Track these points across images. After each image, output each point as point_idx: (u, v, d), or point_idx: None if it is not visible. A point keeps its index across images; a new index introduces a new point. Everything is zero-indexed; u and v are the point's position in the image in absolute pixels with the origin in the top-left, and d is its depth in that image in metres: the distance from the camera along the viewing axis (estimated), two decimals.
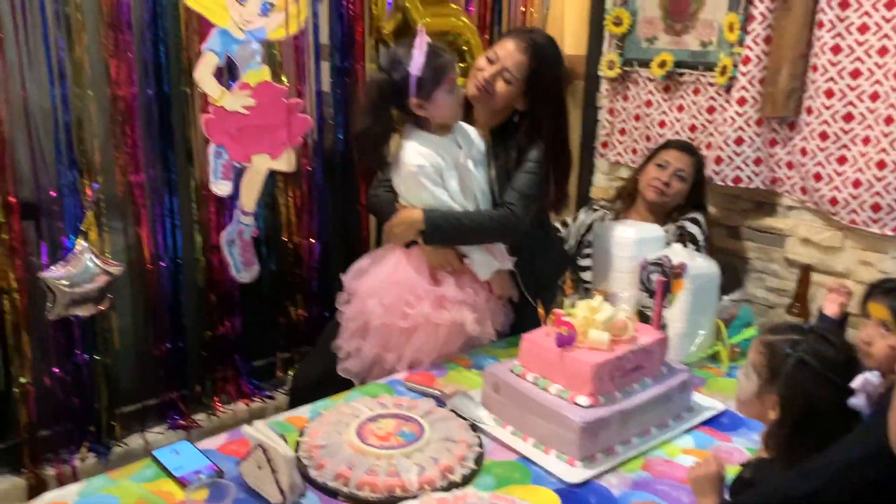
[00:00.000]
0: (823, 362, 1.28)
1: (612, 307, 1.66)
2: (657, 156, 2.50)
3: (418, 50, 1.81)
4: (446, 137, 1.93)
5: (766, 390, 1.34)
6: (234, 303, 2.43)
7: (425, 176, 1.87)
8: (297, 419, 1.70)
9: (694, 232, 2.38)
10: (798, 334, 1.33)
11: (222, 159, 2.24)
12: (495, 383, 1.69)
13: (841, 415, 1.23)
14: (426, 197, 1.89)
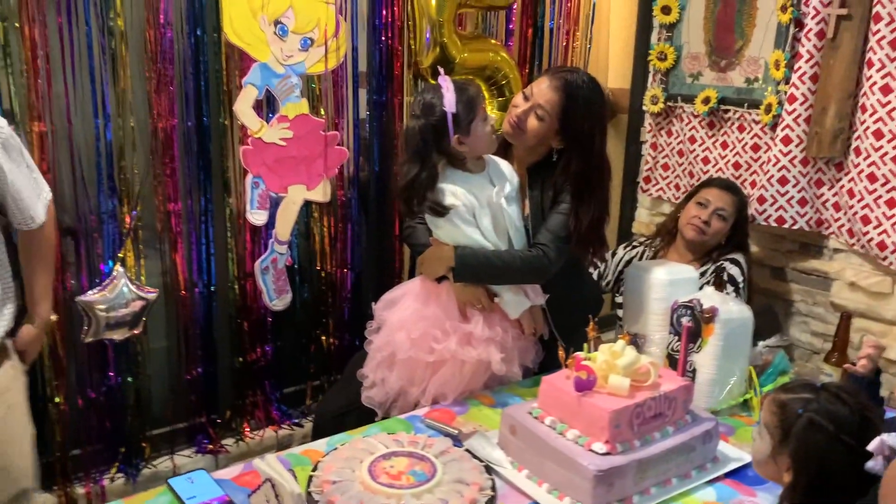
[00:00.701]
0: (836, 423, 1.22)
1: (635, 352, 1.62)
2: (698, 193, 2.45)
3: (447, 89, 1.83)
4: (480, 175, 1.92)
5: (779, 451, 1.29)
6: (266, 330, 2.47)
7: (458, 216, 1.87)
8: (313, 452, 1.70)
9: (734, 273, 2.32)
10: (810, 393, 1.27)
11: (259, 189, 2.29)
12: (512, 425, 1.66)
13: (857, 478, 1.17)
14: (459, 236, 1.90)
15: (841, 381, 1.42)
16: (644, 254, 2.55)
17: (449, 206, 1.86)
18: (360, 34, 2.45)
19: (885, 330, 2.32)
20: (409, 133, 1.88)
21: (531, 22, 2.81)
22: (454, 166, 1.90)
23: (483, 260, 1.90)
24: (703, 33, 2.76)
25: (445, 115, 1.82)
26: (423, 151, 1.84)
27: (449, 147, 1.86)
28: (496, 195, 1.92)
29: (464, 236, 1.90)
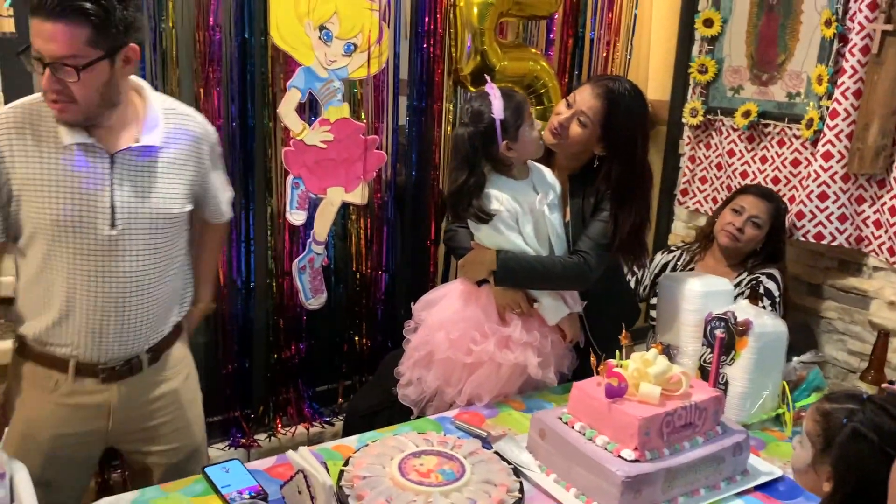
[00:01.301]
0: (881, 434, 1.21)
1: (667, 361, 1.63)
2: (734, 200, 2.45)
3: (494, 96, 1.86)
4: (524, 181, 1.94)
5: (820, 461, 1.28)
6: (301, 328, 2.51)
7: (501, 221, 1.90)
8: (344, 448, 1.73)
9: (770, 287, 2.30)
10: (855, 403, 1.27)
11: (299, 190, 2.34)
12: (542, 429, 1.67)
13: None
14: (501, 241, 1.92)
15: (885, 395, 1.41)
16: (681, 257, 2.55)
17: (493, 211, 1.88)
18: (402, 41, 2.49)
19: None
20: (458, 140, 1.90)
21: (572, 32, 2.82)
22: (500, 172, 1.92)
23: (525, 265, 1.92)
24: (745, 46, 2.75)
25: (494, 122, 1.85)
26: (472, 158, 1.87)
27: (497, 153, 1.88)
28: (539, 202, 1.94)
29: (506, 241, 1.92)
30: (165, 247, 1.65)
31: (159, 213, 1.61)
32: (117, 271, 1.58)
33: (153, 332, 1.69)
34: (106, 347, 1.62)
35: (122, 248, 1.57)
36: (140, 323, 1.65)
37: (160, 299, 1.68)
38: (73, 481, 1.72)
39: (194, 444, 1.83)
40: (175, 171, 1.64)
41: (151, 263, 1.63)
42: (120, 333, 1.62)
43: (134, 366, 1.67)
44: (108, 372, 1.64)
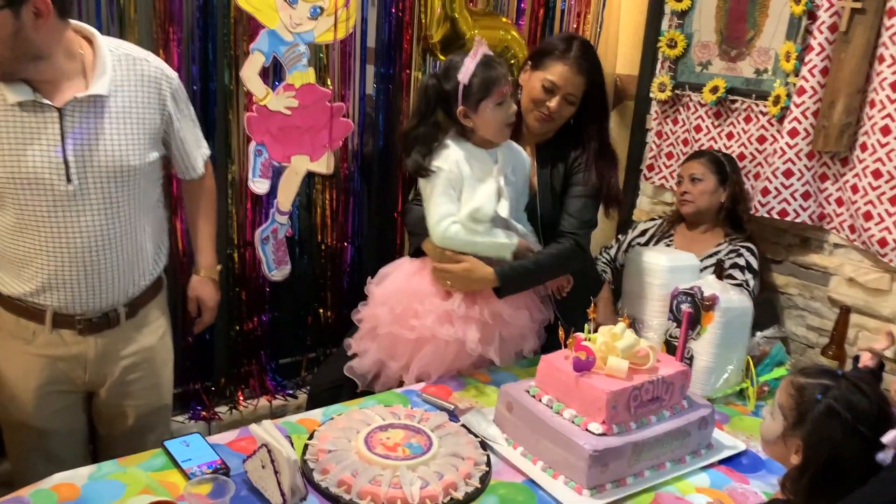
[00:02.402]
0: (854, 412, 1.22)
1: (634, 336, 1.62)
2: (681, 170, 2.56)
3: (471, 59, 1.82)
4: (486, 150, 1.91)
5: (791, 433, 1.30)
6: (264, 300, 2.46)
7: (438, 178, 1.86)
8: (309, 421, 1.70)
9: (751, 261, 2.34)
10: (831, 380, 1.28)
11: (262, 158, 2.27)
12: (509, 402, 1.66)
13: (866, 468, 1.17)
14: (432, 199, 1.87)
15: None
16: (660, 226, 2.58)
17: (434, 168, 1.86)
18: (370, 6, 2.43)
19: (881, 326, 2.32)
20: (421, 87, 1.93)
21: (543, 2, 2.78)
22: (460, 135, 1.90)
23: (522, 271, 1.93)
24: (715, 22, 2.74)
25: (457, 85, 1.83)
26: (425, 110, 1.89)
27: (455, 115, 1.87)
28: (496, 172, 1.91)
29: (432, 201, 1.87)
30: (129, 199, 1.63)
31: (116, 165, 1.58)
32: (80, 226, 1.57)
33: (128, 285, 1.69)
34: (81, 300, 1.63)
35: (82, 202, 1.56)
36: (111, 276, 1.64)
37: (130, 252, 1.67)
38: (65, 432, 1.75)
39: (161, 401, 1.87)
40: (131, 118, 1.60)
41: (116, 217, 1.61)
42: (92, 287, 1.63)
43: (112, 318, 1.69)
44: (86, 324, 1.66)
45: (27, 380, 1.67)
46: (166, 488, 1.41)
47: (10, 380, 1.69)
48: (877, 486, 1.13)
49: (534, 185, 2.04)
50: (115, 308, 1.69)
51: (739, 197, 2.46)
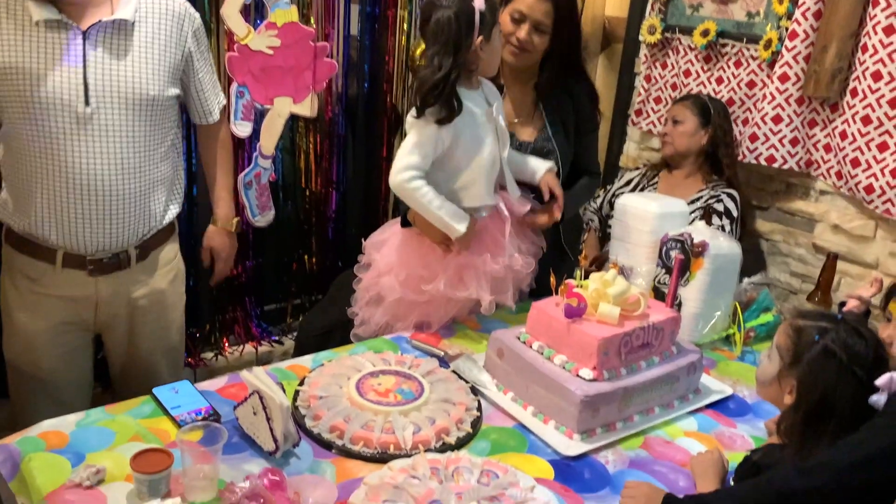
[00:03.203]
0: (850, 355, 1.24)
1: (626, 282, 1.62)
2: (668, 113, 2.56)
3: None
4: (476, 91, 1.85)
5: (786, 373, 1.31)
6: (248, 246, 2.43)
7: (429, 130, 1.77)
8: (299, 368, 1.69)
9: (730, 207, 2.34)
10: (830, 322, 1.29)
11: (244, 100, 2.20)
12: (500, 349, 1.66)
13: (858, 410, 1.19)
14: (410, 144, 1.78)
15: None
16: (642, 178, 2.56)
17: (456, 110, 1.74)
18: None
19: (864, 273, 2.34)
20: (441, 21, 1.71)
21: None
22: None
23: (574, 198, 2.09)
24: None
25: (474, 11, 1.71)
26: (458, 40, 1.71)
27: (469, 50, 1.74)
28: (496, 111, 1.87)
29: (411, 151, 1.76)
30: (145, 133, 1.64)
31: (135, 93, 1.59)
32: (94, 152, 1.57)
33: (139, 225, 1.69)
34: (91, 237, 1.62)
35: (99, 127, 1.57)
36: (121, 212, 1.63)
37: (142, 189, 1.66)
38: (73, 373, 1.76)
39: (171, 343, 1.88)
40: (154, 49, 1.62)
41: (130, 148, 1.62)
42: (102, 221, 1.62)
43: (122, 260, 1.69)
44: (96, 264, 1.65)
45: (38, 320, 1.68)
46: (156, 435, 1.40)
47: (20, 321, 1.69)
48: (869, 432, 1.14)
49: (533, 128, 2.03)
50: (126, 250, 1.69)
51: (720, 141, 2.45)
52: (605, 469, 1.44)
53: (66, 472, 1.27)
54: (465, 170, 1.82)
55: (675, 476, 1.43)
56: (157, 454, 1.25)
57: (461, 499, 1.26)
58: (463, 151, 1.80)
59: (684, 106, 2.48)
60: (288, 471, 1.33)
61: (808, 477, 1.17)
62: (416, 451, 1.40)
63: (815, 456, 1.20)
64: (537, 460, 1.44)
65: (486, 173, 1.84)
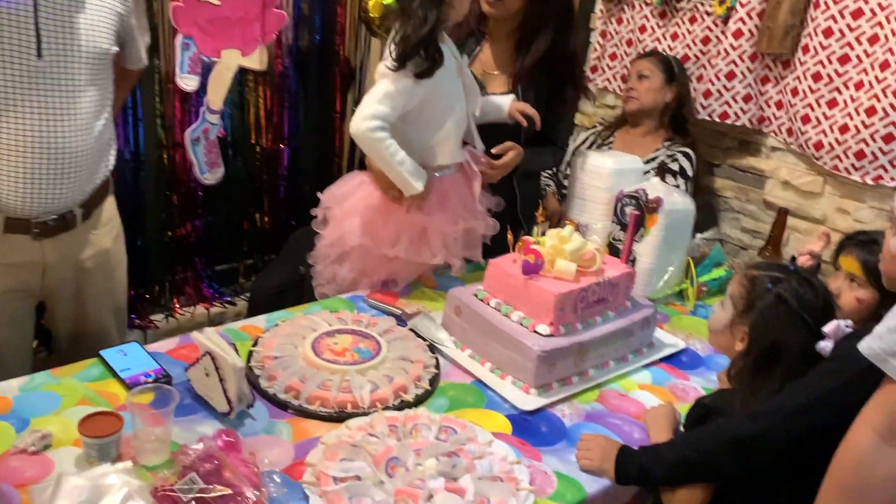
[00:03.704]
0: (801, 303, 1.27)
1: (582, 238, 1.62)
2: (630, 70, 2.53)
3: None
4: (446, 45, 1.81)
5: (738, 321, 1.35)
6: (197, 204, 2.36)
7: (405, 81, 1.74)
8: (252, 328, 1.66)
9: (685, 166, 2.35)
10: (782, 273, 1.32)
11: (190, 52, 2.12)
12: (457, 306, 1.66)
13: (806, 356, 1.22)
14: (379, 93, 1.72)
15: None
16: (598, 136, 2.56)
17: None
18: None
19: (812, 228, 2.39)
20: None
21: None
22: None
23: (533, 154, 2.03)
24: None
25: None
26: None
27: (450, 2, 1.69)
28: (465, 65, 1.84)
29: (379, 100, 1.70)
30: (96, 88, 1.59)
31: (88, 47, 1.54)
32: (48, 106, 1.50)
33: (86, 182, 1.63)
34: (40, 199, 1.54)
35: (52, 81, 1.50)
36: (74, 169, 1.57)
37: (93, 147, 1.60)
38: (16, 339, 1.70)
39: (116, 304, 1.84)
40: (104, 4, 1.57)
41: (81, 102, 1.55)
42: (54, 180, 1.55)
43: (68, 220, 1.62)
44: (41, 227, 1.58)
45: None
46: (105, 399, 1.36)
47: None
48: (815, 377, 1.18)
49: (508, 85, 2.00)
50: (72, 209, 1.62)
51: (685, 99, 2.45)
52: (561, 423, 1.45)
53: (11, 438, 1.23)
54: (439, 126, 1.78)
55: (630, 428, 1.45)
56: (107, 417, 1.22)
57: (420, 455, 1.26)
58: (438, 107, 1.77)
59: (649, 61, 2.46)
60: (243, 432, 1.31)
61: (756, 422, 1.20)
62: (374, 410, 1.39)
63: (763, 401, 1.23)
64: (495, 415, 1.45)
65: (458, 129, 1.82)
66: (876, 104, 2.09)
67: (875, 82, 2.09)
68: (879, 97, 2.08)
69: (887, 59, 2.06)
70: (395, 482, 1.20)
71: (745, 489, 1.26)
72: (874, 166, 2.13)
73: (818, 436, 1.09)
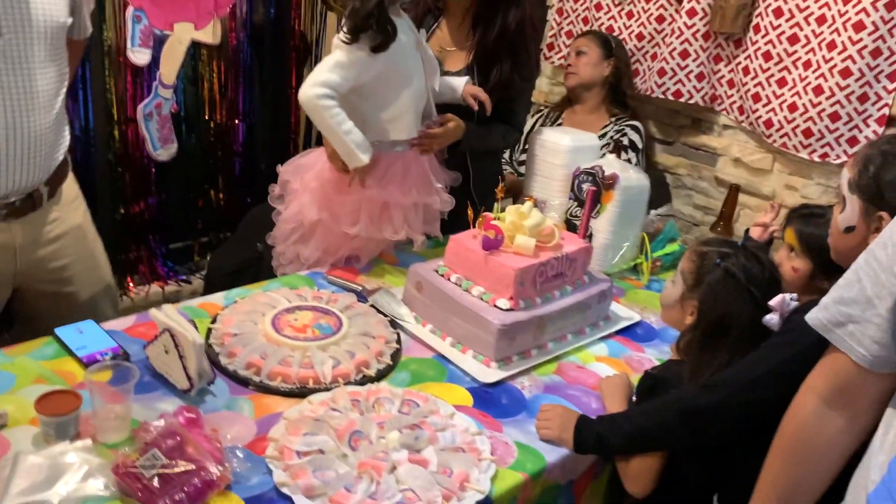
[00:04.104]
0: (748, 277, 1.31)
1: (541, 214, 1.64)
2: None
3: None
4: (402, 20, 1.79)
5: (689, 295, 1.38)
6: (150, 181, 2.32)
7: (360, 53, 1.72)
8: (210, 305, 1.65)
9: (634, 139, 2.38)
10: (730, 248, 1.36)
11: (141, 25, 2.08)
12: (418, 282, 1.66)
13: (753, 329, 1.26)
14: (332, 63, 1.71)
15: None
16: (547, 116, 2.58)
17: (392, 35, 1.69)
18: None
19: (761, 205, 2.46)
20: None
21: None
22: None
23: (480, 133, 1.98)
24: None
25: None
26: None
27: None
28: (424, 39, 1.83)
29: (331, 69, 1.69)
30: (54, 64, 1.55)
31: (46, 21, 1.50)
32: (9, 86, 1.46)
33: (49, 160, 1.60)
34: (6, 179, 1.51)
35: (14, 59, 1.46)
36: (39, 146, 1.55)
37: (53, 124, 1.57)
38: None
39: (103, 282, 1.81)
40: None
41: (43, 79, 1.52)
42: (18, 159, 1.51)
43: (35, 199, 1.60)
44: (9, 208, 1.55)
45: None
46: (62, 377, 1.34)
47: None
48: (766, 351, 1.22)
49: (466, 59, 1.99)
50: (38, 188, 1.59)
51: (623, 73, 2.50)
52: (521, 394, 1.48)
53: None
54: (395, 101, 1.77)
55: (588, 399, 1.49)
56: (64, 396, 1.20)
57: (383, 428, 1.27)
58: (394, 81, 1.75)
59: (587, 38, 2.52)
60: (204, 408, 1.30)
61: (711, 394, 1.24)
62: (336, 385, 1.40)
63: (712, 373, 1.27)
64: (456, 388, 1.47)
65: (415, 104, 1.81)
66: (823, 83, 2.15)
67: (822, 62, 2.15)
68: (826, 77, 2.14)
69: (834, 39, 2.12)
70: (358, 455, 1.21)
71: (697, 457, 1.31)
72: (821, 144, 2.20)
73: (771, 407, 1.14)
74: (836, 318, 0.99)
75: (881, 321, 0.93)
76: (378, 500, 1.14)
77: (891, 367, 0.95)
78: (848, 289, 0.98)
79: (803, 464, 1.04)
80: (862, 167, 1.11)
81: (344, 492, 1.14)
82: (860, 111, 2.11)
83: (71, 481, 1.10)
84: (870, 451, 0.94)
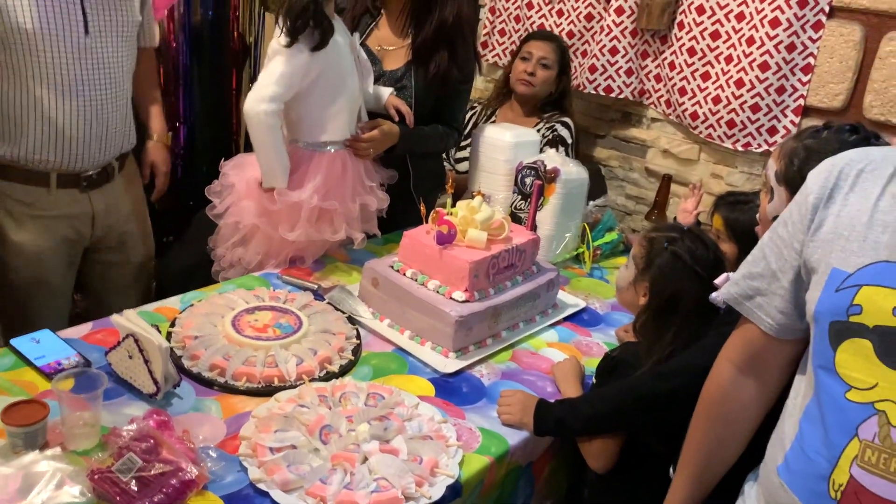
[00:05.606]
0: (694, 258, 1.41)
1: (490, 208, 1.70)
2: (521, 50, 2.54)
3: None
4: (336, 20, 1.82)
5: (640, 278, 1.47)
6: None
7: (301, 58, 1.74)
8: (166, 309, 1.65)
9: (564, 135, 2.46)
10: (677, 233, 1.45)
11: None
12: (374, 278, 1.70)
13: (700, 306, 1.34)
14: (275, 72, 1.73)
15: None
16: (482, 112, 2.61)
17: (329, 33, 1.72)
18: None
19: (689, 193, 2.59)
20: None
21: None
22: None
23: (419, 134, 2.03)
24: None
25: None
26: None
27: None
28: (357, 40, 1.86)
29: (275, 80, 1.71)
30: (129, 58, 1.81)
31: (126, 19, 1.76)
32: (93, 77, 1.71)
33: (123, 139, 1.86)
34: (87, 156, 1.76)
35: (96, 54, 1.70)
36: (116, 128, 1.81)
37: (127, 108, 1.85)
38: (64, 282, 1.87)
39: (149, 252, 2.07)
40: None
41: (121, 70, 1.78)
42: (100, 141, 1.77)
43: (109, 172, 1.85)
44: (88, 180, 1.80)
45: (39, 241, 1.77)
46: (22, 387, 1.33)
47: (21, 244, 1.76)
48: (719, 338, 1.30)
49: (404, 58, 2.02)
50: (111, 163, 1.84)
51: (568, 89, 2.54)
52: (480, 382, 1.54)
53: None
54: (331, 102, 1.80)
55: (543, 383, 1.56)
56: (31, 406, 1.19)
57: (352, 421, 1.31)
58: (331, 83, 1.78)
59: (553, 50, 2.48)
60: (171, 411, 1.32)
61: (665, 381, 1.32)
62: (301, 382, 1.43)
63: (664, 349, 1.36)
64: (418, 380, 1.52)
65: (350, 106, 1.84)
66: (744, 76, 2.28)
67: (743, 56, 2.29)
68: (747, 70, 2.28)
69: (752, 34, 2.26)
70: (330, 448, 1.25)
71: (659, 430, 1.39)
72: (743, 134, 2.33)
73: None
74: (745, 291, 1.08)
75: (784, 293, 1.02)
76: (354, 490, 1.18)
77: (795, 333, 1.04)
78: (755, 264, 1.07)
79: (722, 426, 1.13)
80: (788, 161, 1.20)
81: (320, 484, 1.18)
82: (778, 102, 2.26)
83: (45, 490, 1.10)
84: (783, 414, 1.04)
